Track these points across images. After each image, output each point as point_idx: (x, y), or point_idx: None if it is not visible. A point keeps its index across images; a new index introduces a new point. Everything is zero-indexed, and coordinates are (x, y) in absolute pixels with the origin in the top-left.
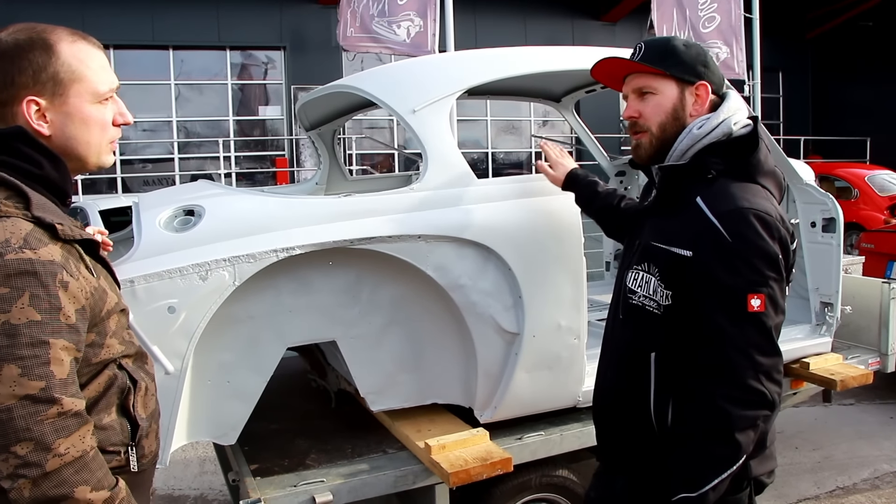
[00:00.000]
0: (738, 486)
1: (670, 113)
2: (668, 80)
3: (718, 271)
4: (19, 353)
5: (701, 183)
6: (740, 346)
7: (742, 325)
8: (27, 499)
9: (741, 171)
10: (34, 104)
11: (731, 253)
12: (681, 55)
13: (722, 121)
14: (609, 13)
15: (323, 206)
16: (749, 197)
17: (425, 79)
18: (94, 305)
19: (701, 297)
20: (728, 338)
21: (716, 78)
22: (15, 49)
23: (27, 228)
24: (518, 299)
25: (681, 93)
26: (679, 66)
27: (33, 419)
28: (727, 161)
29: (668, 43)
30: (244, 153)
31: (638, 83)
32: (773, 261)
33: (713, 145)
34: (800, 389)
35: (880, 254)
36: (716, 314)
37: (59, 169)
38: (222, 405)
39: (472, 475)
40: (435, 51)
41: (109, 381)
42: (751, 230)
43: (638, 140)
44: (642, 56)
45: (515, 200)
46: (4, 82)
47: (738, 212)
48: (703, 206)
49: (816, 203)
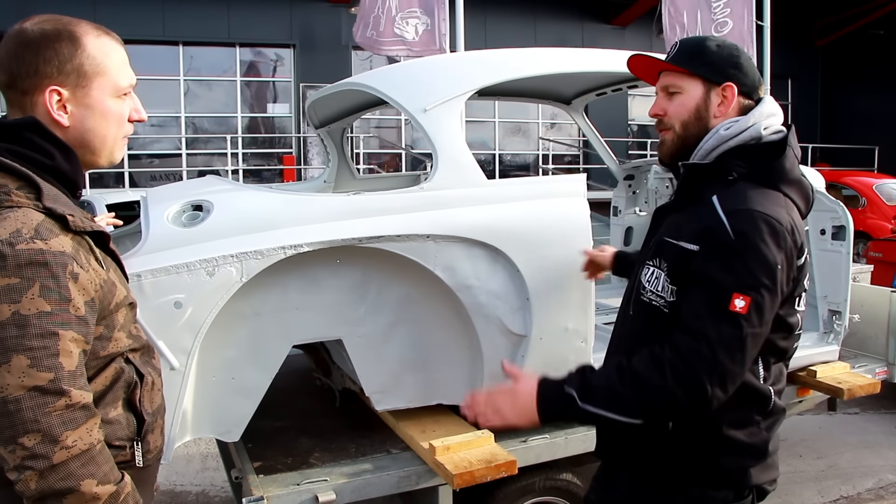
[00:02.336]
0: (739, 494)
1: (693, 112)
2: (695, 79)
3: (713, 265)
4: (29, 343)
5: (720, 183)
6: (710, 339)
7: (719, 321)
8: (33, 491)
9: (763, 176)
10: (56, 94)
11: (731, 250)
12: (710, 55)
13: (752, 125)
14: (619, 17)
15: (332, 203)
16: (763, 201)
17: (437, 78)
18: (103, 298)
19: (691, 287)
20: (702, 328)
21: (748, 80)
22: (41, 38)
23: (38, 219)
24: (526, 301)
25: (706, 92)
26: (706, 66)
27: (41, 411)
28: (750, 165)
29: (701, 42)
30: (252, 150)
31: (666, 81)
32: (771, 268)
33: (739, 148)
34: (806, 397)
35: (888, 263)
36: (699, 304)
37: (71, 161)
38: (227, 402)
39: (477, 477)
40: (445, 50)
41: (116, 375)
42: (755, 232)
43: (662, 137)
44: (674, 55)
45: (525, 202)
46: (28, 71)
47: (748, 212)
48: (717, 203)
49: (827, 211)
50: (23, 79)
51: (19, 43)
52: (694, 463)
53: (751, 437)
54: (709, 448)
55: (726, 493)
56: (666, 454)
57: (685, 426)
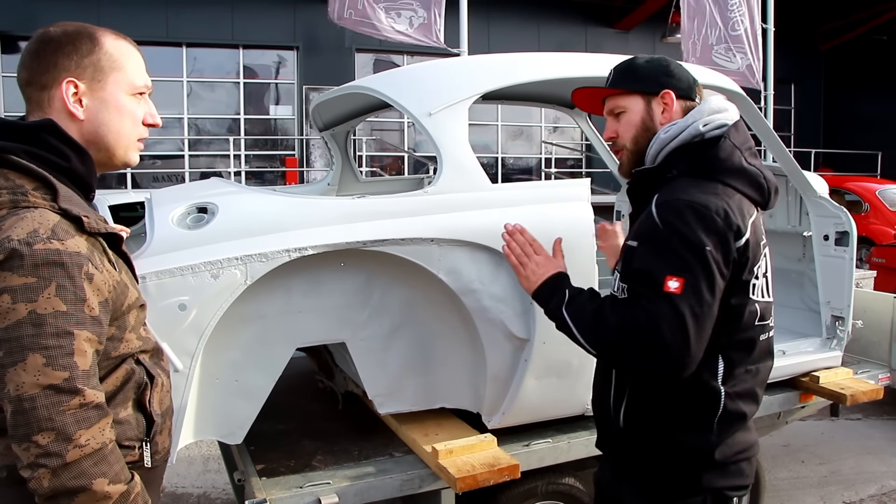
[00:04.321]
0: (685, 492)
1: (640, 126)
2: (633, 95)
3: (646, 254)
4: (44, 342)
5: (663, 182)
6: (649, 313)
7: (656, 300)
8: (46, 489)
9: (701, 169)
10: (73, 85)
11: (659, 239)
12: (640, 70)
13: (690, 123)
14: (622, 21)
15: (336, 206)
16: (694, 191)
17: (442, 82)
18: (115, 299)
19: (632, 278)
20: (642, 303)
21: (683, 84)
22: (63, 37)
23: (55, 220)
24: (529, 305)
25: (647, 105)
26: (639, 82)
27: (56, 409)
28: (688, 161)
29: (630, 62)
30: (254, 152)
31: (610, 105)
32: (699, 250)
33: (682, 147)
34: (808, 403)
35: (892, 268)
36: (640, 289)
37: (86, 163)
38: (230, 404)
39: (480, 481)
40: (441, 42)
41: (127, 376)
42: (679, 219)
43: (619, 158)
44: (610, 81)
45: (529, 206)
46: (47, 66)
47: (673, 202)
48: (654, 200)
49: (830, 216)
50: (42, 73)
51: (41, 42)
52: (651, 467)
53: (696, 440)
54: (659, 450)
55: (693, 499)
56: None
57: (635, 426)
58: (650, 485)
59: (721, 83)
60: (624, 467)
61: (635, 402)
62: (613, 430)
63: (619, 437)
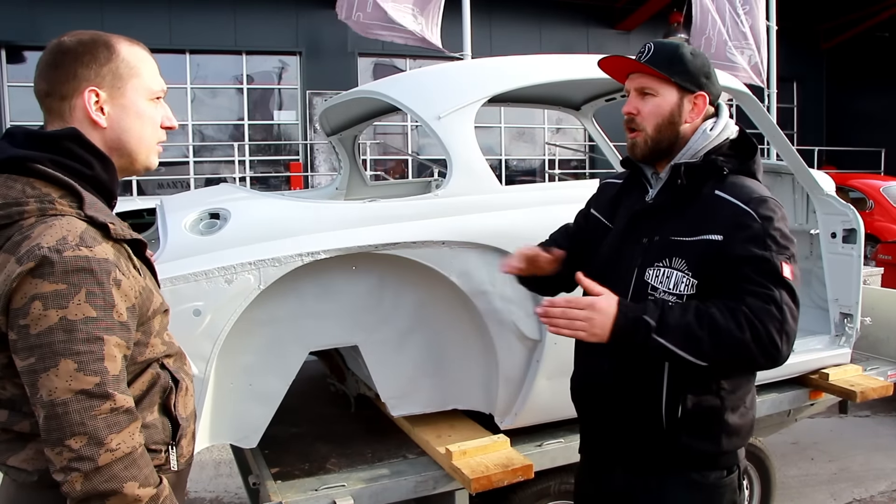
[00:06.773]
0: (730, 471)
1: (667, 117)
2: (671, 85)
3: (752, 247)
4: (76, 348)
5: (714, 179)
6: (777, 302)
7: (779, 288)
8: (79, 492)
9: (748, 169)
10: (94, 94)
11: (762, 232)
12: (687, 63)
13: (726, 126)
14: (624, 22)
15: (347, 210)
16: (763, 189)
17: (450, 85)
18: (141, 304)
19: (735, 268)
20: (768, 293)
21: (715, 90)
22: (79, 46)
23: (82, 227)
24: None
25: (680, 99)
26: (683, 74)
27: (88, 414)
28: (738, 160)
29: (677, 49)
30: (258, 157)
31: (641, 82)
32: (792, 240)
33: (717, 147)
34: (818, 400)
35: None
36: (755, 277)
37: (109, 170)
38: (244, 408)
39: (494, 481)
40: (439, 46)
41: (153, 381)
42: (775, 214)
43: (633, 139)
44: (650, 57)
45: (539, 207)
46: (67, 76)
47: (763, 199)
48: (728, 196)
49: (837, 214)
50: (62, 84)
51: (57, 52)
52: (690, 448)
53: (742, 418)
54: (709, 433)
55: (719, 472)
56: (660, 445)
57: (690, 422)
58: (691, 474)
59: (729, 83)
60: (652, 465)
61: (694, 400)
62: (651, 434)
63: (660, 439)
